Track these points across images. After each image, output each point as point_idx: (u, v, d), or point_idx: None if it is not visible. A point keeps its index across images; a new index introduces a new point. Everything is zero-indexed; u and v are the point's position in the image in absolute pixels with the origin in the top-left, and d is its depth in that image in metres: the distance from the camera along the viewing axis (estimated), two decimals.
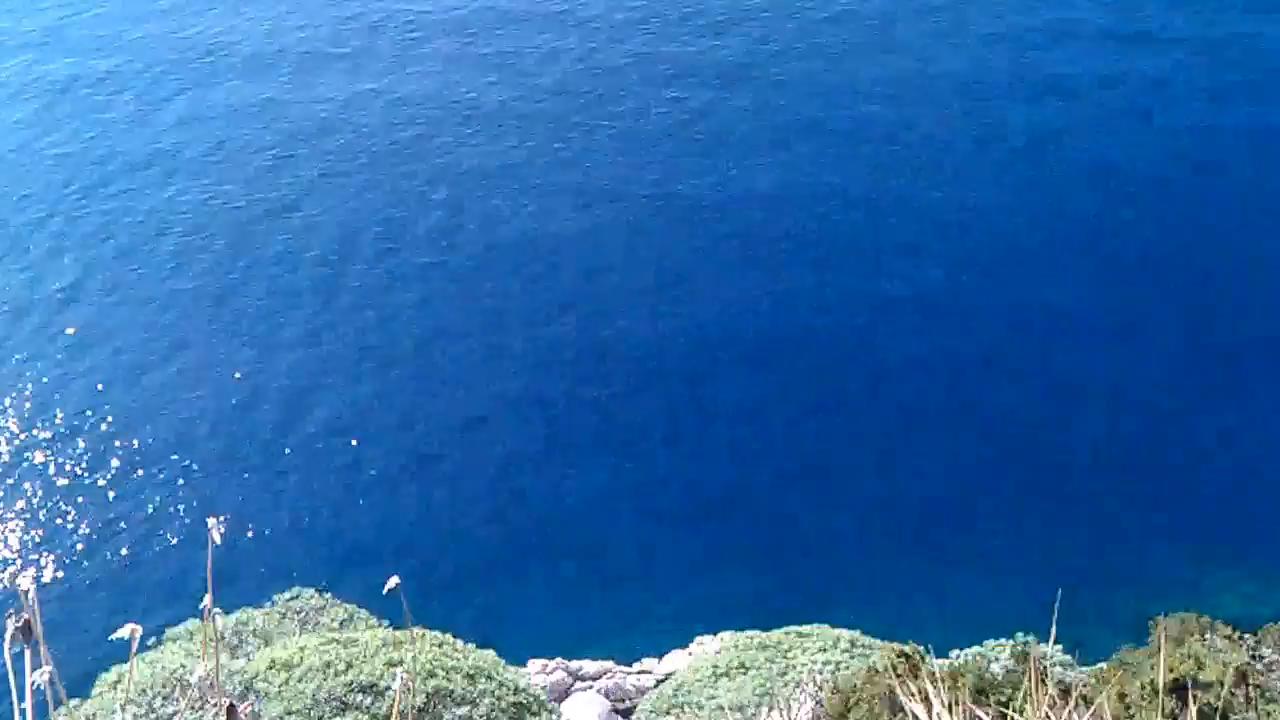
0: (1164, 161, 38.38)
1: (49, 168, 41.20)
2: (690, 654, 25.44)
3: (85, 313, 35.80)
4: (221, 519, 3.48)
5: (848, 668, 13.40)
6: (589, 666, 24.88)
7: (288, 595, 14.85)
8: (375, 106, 42.78)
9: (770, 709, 13.51)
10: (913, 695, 5.88)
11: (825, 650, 13.68)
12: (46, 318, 35.81)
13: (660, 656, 25.39)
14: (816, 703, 13.71)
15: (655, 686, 24.36)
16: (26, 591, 3.55)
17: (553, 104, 42.01)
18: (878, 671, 13.05)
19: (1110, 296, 34.00)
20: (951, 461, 29.93)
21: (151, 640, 12.67)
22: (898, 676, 13.14)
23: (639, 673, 25.18)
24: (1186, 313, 33.24)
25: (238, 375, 33.28)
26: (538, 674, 23.14)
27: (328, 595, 14.87)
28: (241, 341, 34.37)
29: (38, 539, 29.32)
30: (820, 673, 13.34)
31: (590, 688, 24.37)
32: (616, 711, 24.33)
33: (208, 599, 3.62)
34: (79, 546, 29.21)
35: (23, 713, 3.69)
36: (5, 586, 27.77)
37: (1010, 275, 34.77)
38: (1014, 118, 40.25)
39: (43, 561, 28.66)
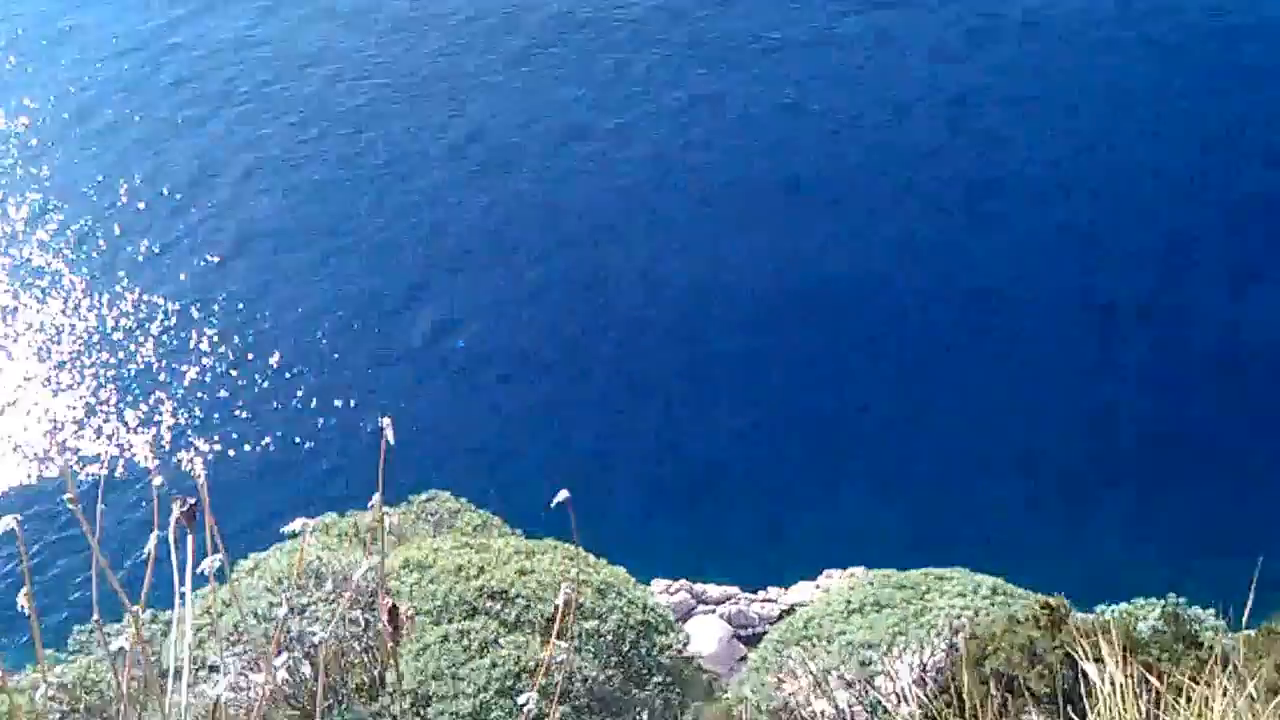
0: None
1: None
2: (818, 586, 25.09)
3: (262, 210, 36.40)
4: (391, 419, 3.26)
5: (988, 614, 12.88)
6: (713, 591, 24.71)
7: (423, 497, 14.88)
8: None
9: (903, 650, 13.09)
10: (1085, 654, 5.41)
11: (964, 595, 13.16)
12: (208, 213, 36.55)
13: (786, 587, 25.12)
14: (952, 647, 13.24)
15: (779, 616, 24.09)
16: (198, 478, 3.36)
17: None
18: (1019, 621, 12.52)
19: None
20: (1101, 415, 28.91)
21: (289, 530, 12.74)
22: (1041, 628, 12.63)
23: (763, 601, 24.94)
24: None
25: (378, 287, 33.66)
26: (661, 594, 23.04)
27: (462, 500, 14.85)
28: (401, 254, 34.71)
29: (193, 432, 30.10)
30: (958, 617, 12.85)
31: (713, 612, 24.22)
32: (737, 638, 24.16)
33: (377, 497, 3.32)
34: (232, 442, 29.93)
35: (183, 596, 3.50)
36: (174, 471, 28.60)
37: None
38: None
39: (199, 450, 29.43)
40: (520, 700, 3.70)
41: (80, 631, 12.48)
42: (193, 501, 3.54)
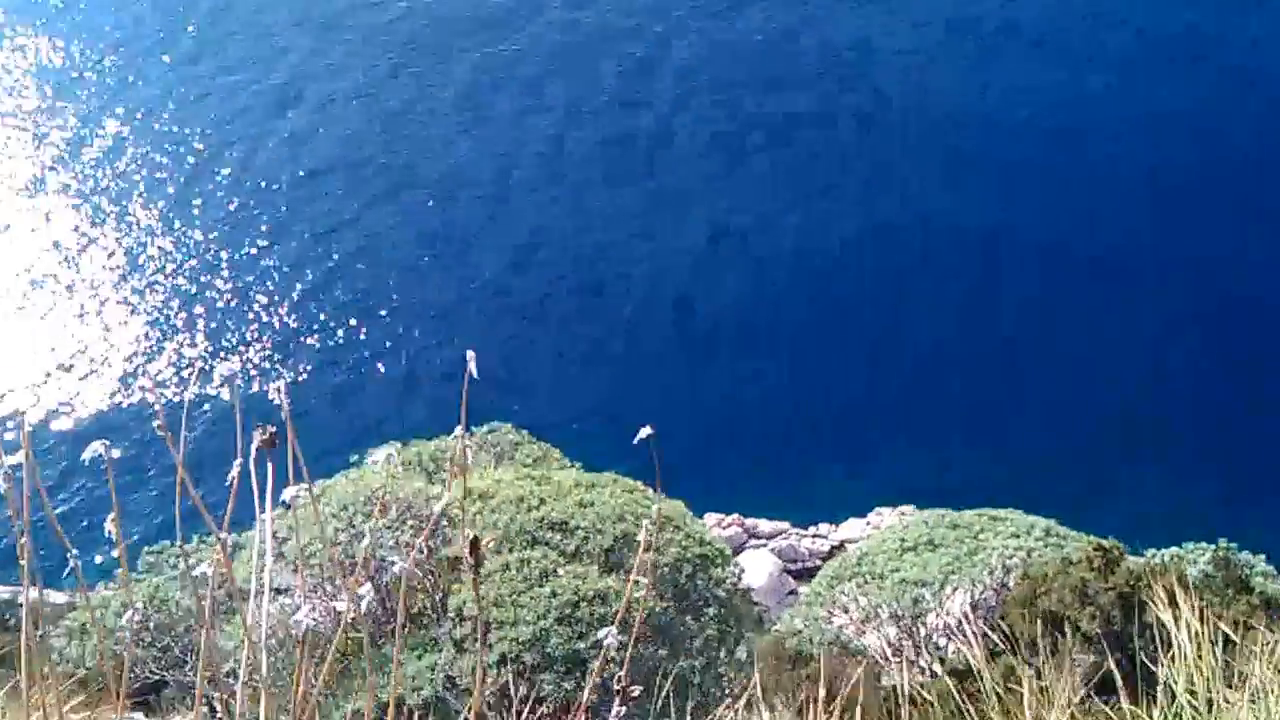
0: None
1: None
2: (868, 523, 25.14)
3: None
4: (474, 353, 3.24)
5: (1040, 555, 12.83)
6: (764, 526, 24.83)
7: (485, 429, 14.99)
8: None
9: (955, 588, 13.08)
10: (1160, 601, 5.37)
11: (1018, 536, 13.12)
12: (284, 144, 36.59)
13: (836, 524, 25.18)
14: (1003, 586, 13.22)
15: (829, 552, 24.19)
16: (280, 405, 3.38)
17: None
18: (1072, 562, 12.48)
19: None
20: (1153, 364, 28.62)
21: (354, 458, 12.94)
22: (1094, 570, 12.58)
23: (813, 536, 25.04)
24: None
25: (449, 222, 33.69)
26: (714, 528, 23.16)
27: (523, 432, 14.94)
28: (474, 189, 34.69)
29: (267, 360, 30.39)
30: (1011, 557, 12.81)
31: (764, 546, 24.35)
32: (787, 572, 24.29)
33: (459, 430, 3.32)
34: (304, 372, 30.24)
35: (263, 521, 3.55)
36: (251, 398, 28.88)
37: None
38: None
39: (279, 376, 29.74)
40: (601, 635, 3.73)
41: (150, 552, 12.73)
42: (274, 429, 3.57)
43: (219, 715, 9.97)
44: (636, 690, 3.55)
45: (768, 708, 5.46)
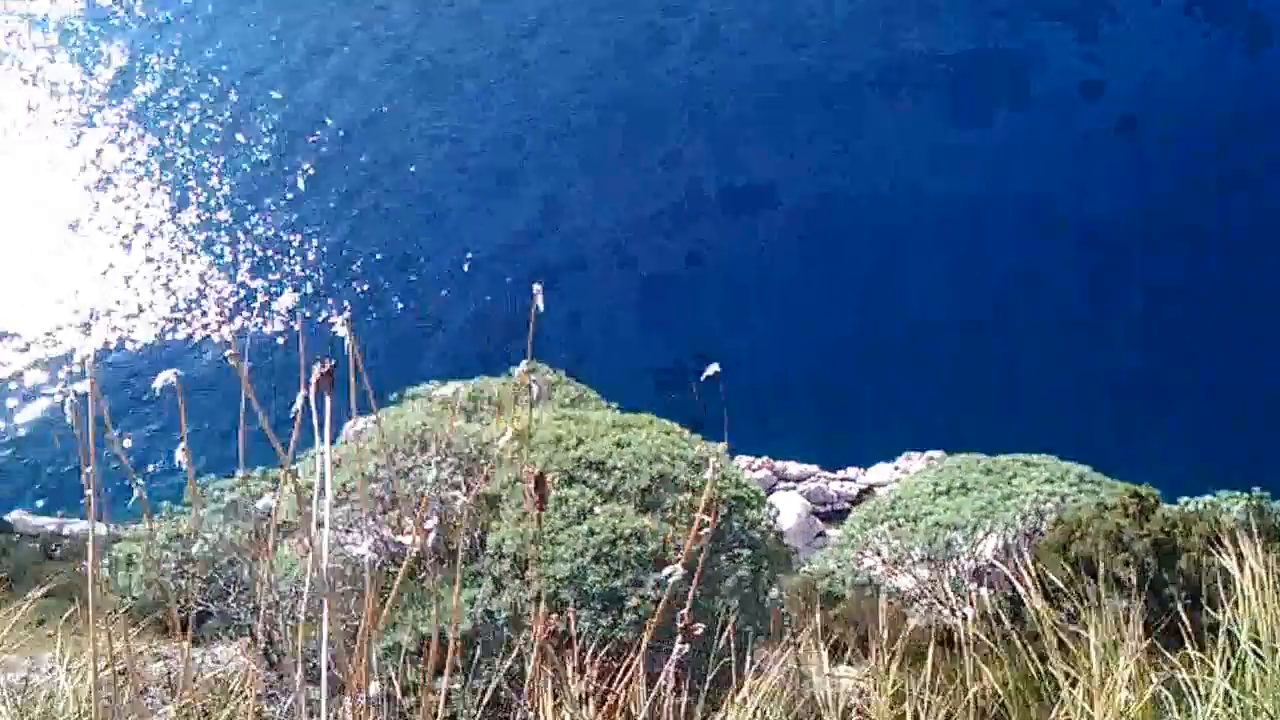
0: None
1: None
2: (896, 467, 25.09)
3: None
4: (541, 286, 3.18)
5: (1074, 501, 12.74)
6: (793, 469, 24.81)
7: (522, 367, 14.85)
8: None
9: (988, 532, 13.02)
10: (1224, 548, 5.29)
11: (1052, 481, 13.03)
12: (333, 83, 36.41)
13: (865, 467, 25.15)
14: (1036, 531, 13.15)
15: (857, 495, 24.18)
16: (343, 339, 3.33)
17: None
18: (1107, 508, 12.39)
19: None
20: (1184, 314, 28.33)
21: (393, 396, 12.94)
22: (1129, 516, 12.48)
23: (842, 480, 25.02)
24: None
25: (500, 161, 33.50)
26: (744, 470, 23.15)
27: (560, 373, 14.91)
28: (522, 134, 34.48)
29: (318, 299, 30.48)
30: (1045, 503, 12.73)
31: (793, 489, 24.34)
32: (815, 515, 24.29)
33: (525, 363, 3.26)
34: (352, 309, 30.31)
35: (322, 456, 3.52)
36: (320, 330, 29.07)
37: None
38: None
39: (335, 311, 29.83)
40: (665, 572, 3.69)
41: (196, 485, 12.78)
42: (333, 364, 3.53)
43: (263, 645, 10.01)
44: (700, 628, 3.52)
45: (813, 649, 5.42)
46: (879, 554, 13.60)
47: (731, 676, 4.22)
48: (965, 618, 13.12)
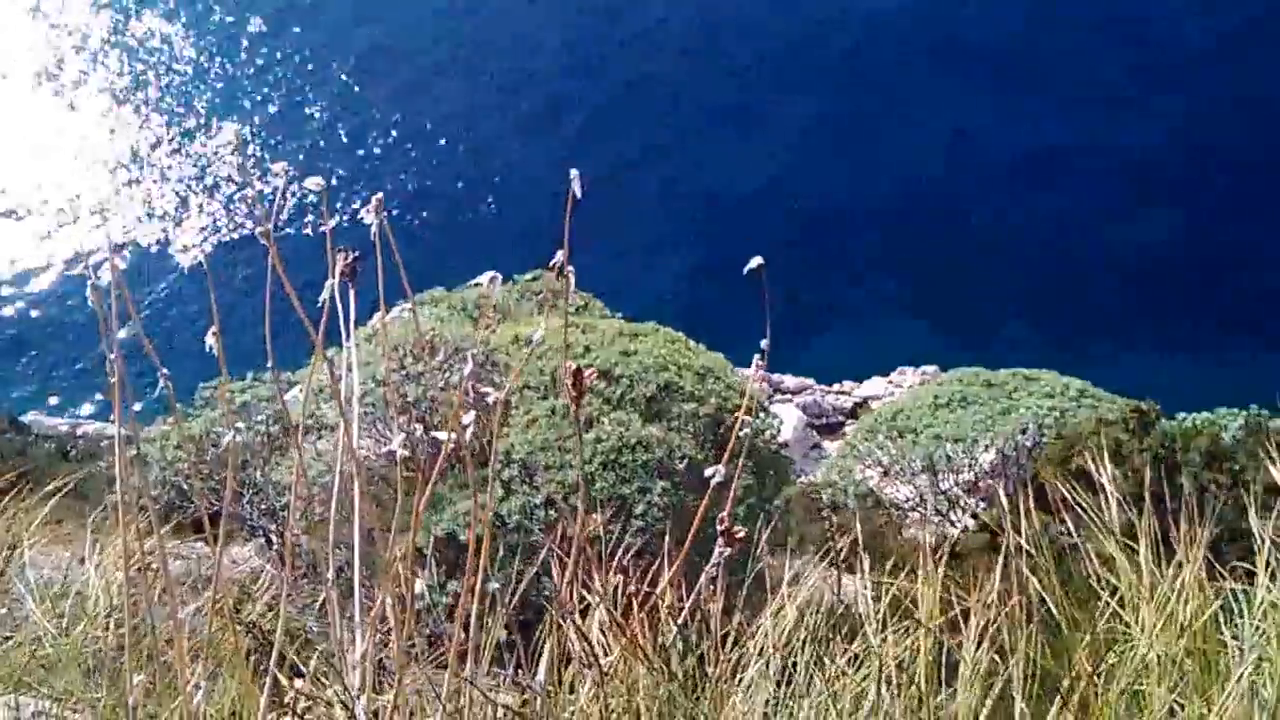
0: None
1: None
2: (890, 381, 24.99)
3: None
4: (578, 175, 2.97)
5: (1074, 416, 12.63)
6: (789, 381, 24.69)
7: (529, 275, 14.73)
8: None
9: (988, 446, 12.92)
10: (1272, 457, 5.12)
11: (1052, 396, 12.90)
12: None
13: (860, 380, 25.04)
14: (1036, 445, 13.05)
15: (851, 409, 24.10)
16: (376, 227, 3.13)
17: None
18: (1108, 423, 12.28)
19: None
20: (1188, 234, 28.09)
21: (400, 301, 12.70)
22: (1130, 431, 12.38)
23: (837, 393, 24.91)
24: None
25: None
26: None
27: (564, 280, 14.61)
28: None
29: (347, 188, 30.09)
30: (1045, 417, 12.62)
31: (789, 401, 24.24)
32: (811, 427, 24.22)
33: (561, 254, 3.05)
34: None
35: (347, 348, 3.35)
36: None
37: None
38: None
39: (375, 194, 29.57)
40: (708, 472, 3.53)
41: (205, 387, 12.63)
42: (357, 254, 3.34)
43: (275, 547, 9.85)
44: (742, 531, 3.36)
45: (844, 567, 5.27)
46: (880, 465, 13.51)
47: (744, 586, 4.05)
48: (966, 529, 13.08)
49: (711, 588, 3.25)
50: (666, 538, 4.96)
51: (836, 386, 24.89)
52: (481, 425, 11.30)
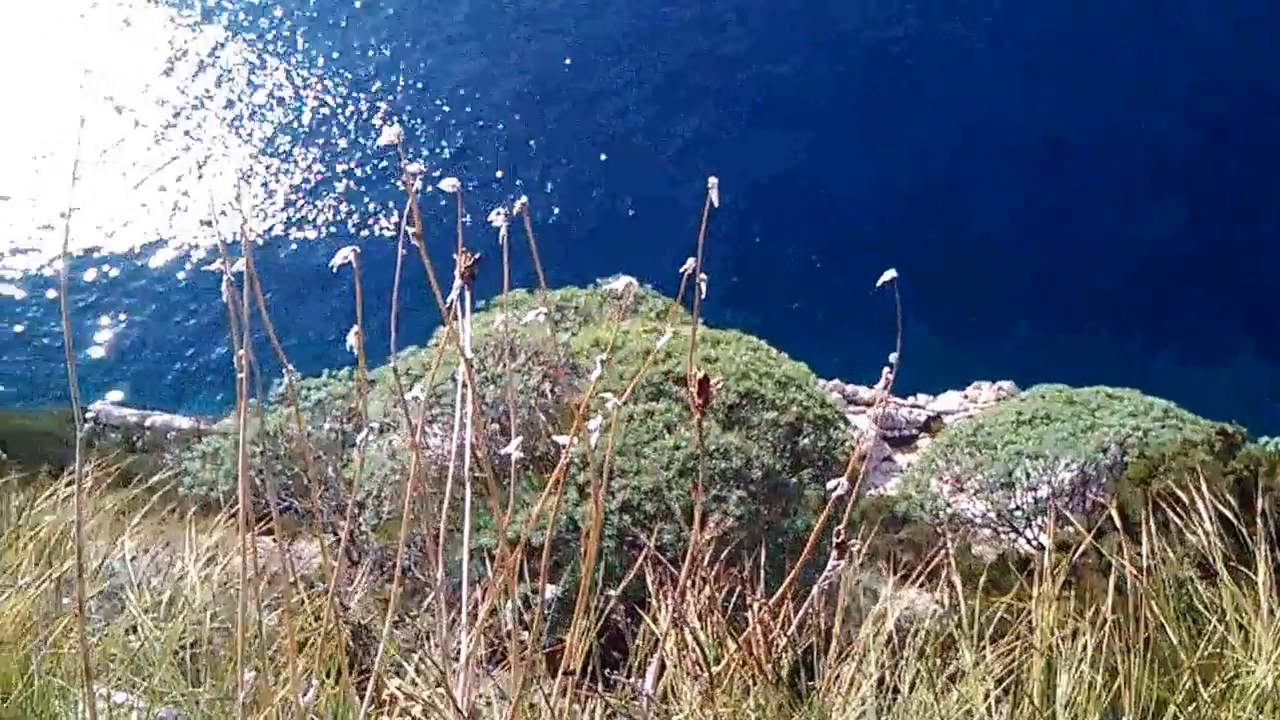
0: None
1: None
2: (965, 396, 24.74)
3: None
4: (715, 181, 2.94)
5: (1158, 436, 12.40)
6: (864, 392, 24.53)
7: (609, 280, 14.73)
8: None
9: (1069, 464, 12.74)
10: None
11: (1135, 416, 12.68)
12: None
13: (935, 394, 24.81)
14: (1118, 464, 12.84)
15: (925, 422, 23.88)
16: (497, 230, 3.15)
17: None
18: (1193, 444, 12.05)
19: None
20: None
21: (481, 304, 12.76)
22: (1214, 454, 12.12)
23: (911, 406, 24.70)
24: None
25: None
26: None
27: (647, 286, 14.69)
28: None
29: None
30: (1128, 436, 12.41)
31: (863, 413, 24.07)
32: (885, 439, 24.03)
33: (692, 262, 3.05)
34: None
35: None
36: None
37: None
38: None
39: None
40: (830, 485, 3.51)
41: (278, 383, 12.77)
42: (478, 256, 3.36)
43: (344, 543, 9.90)
44: (855, 543, 3.34)
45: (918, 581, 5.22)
46: (957, 480, 13.37)
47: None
48: (1041, 547, 12.89)
49: (822, 599, 3.23)
50: (760, 549, 4.94)
51: (911, 399, 24.68)
52: (557, 427, 11.33)
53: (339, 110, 34.33)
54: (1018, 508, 13.17)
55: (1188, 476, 12.79)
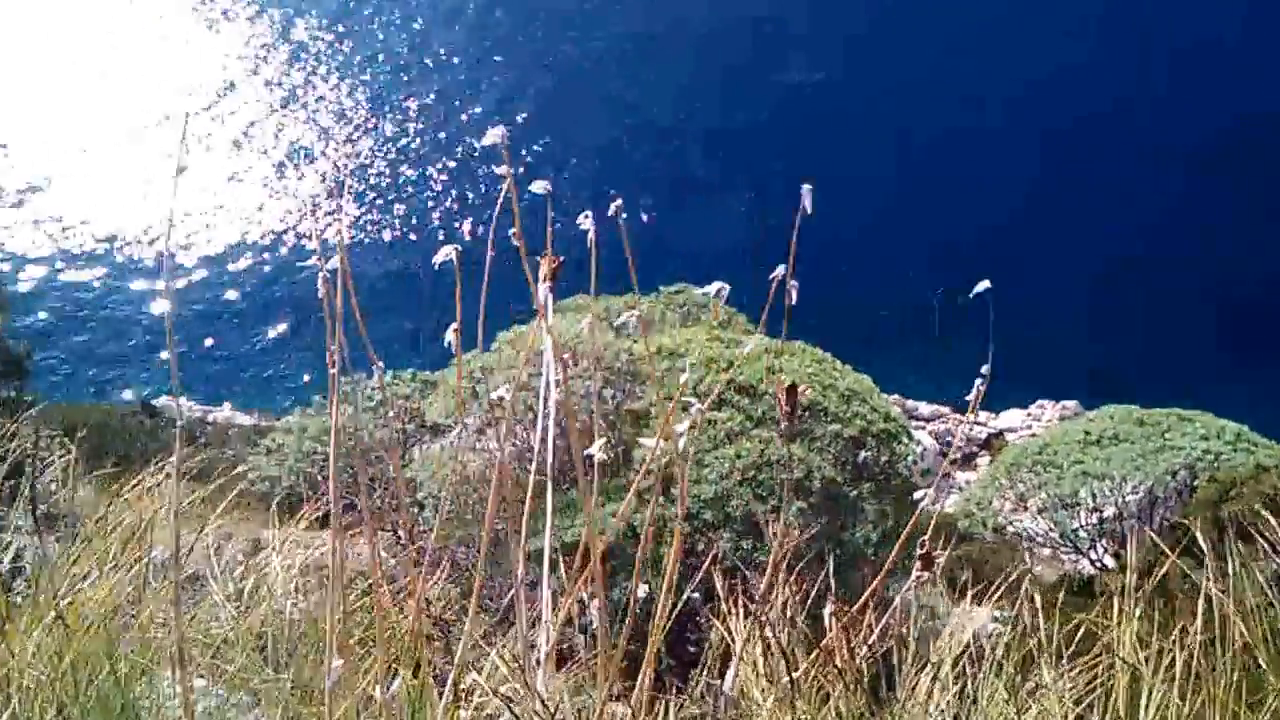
0: None
1: None
2: (1029, 414, 24.51)
3: None
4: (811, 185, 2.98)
5: (1229, 460, 12.23)
6: (924, 408, 24.39)
7: (673, 288, 14.84)
8: None
9: (1138, 485, 12.59)
10: None
11: (1207, 439, 12.50)
12: None
13: (997, 412, 24.61)
14: (1187, 488, 12.69)
15: (986, 440, 23.69)
16: (587, 231, 3.20)
17: None
18: (1265, 469, 11.86)
19: None
20: None
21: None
22: None
23: (973, 423, 24.51)
24: None
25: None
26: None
27: (708, 293, 14.64)
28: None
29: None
30: (1199, 459, 12.25)
31: (923, 428, 23.93)
32: (944, 456, 23.87)
33: (782, 270, 3.07)
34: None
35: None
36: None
37: None
38: None
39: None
40: (917, 495, 3.52)
41: (345, 382, 12.92)
42: (561, 260, 3.40)
43: (403, 540, 10.00)
44: (941, 555, 3.34)
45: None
46: (1021, 499, 13.26)
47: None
48: (1104, 568, 12.75)
49: (899, 610, 3.24)
50: (830, 559, 4.94)
51: (971, 416, 24.50)
52: (620, 435, 11.34)
53: (420, 116, 34.75)
54: (1080, 528, 13.04)
55: (1260, 501, 12.63)
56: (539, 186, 3.03)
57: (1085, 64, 32.67)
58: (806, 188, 2.97)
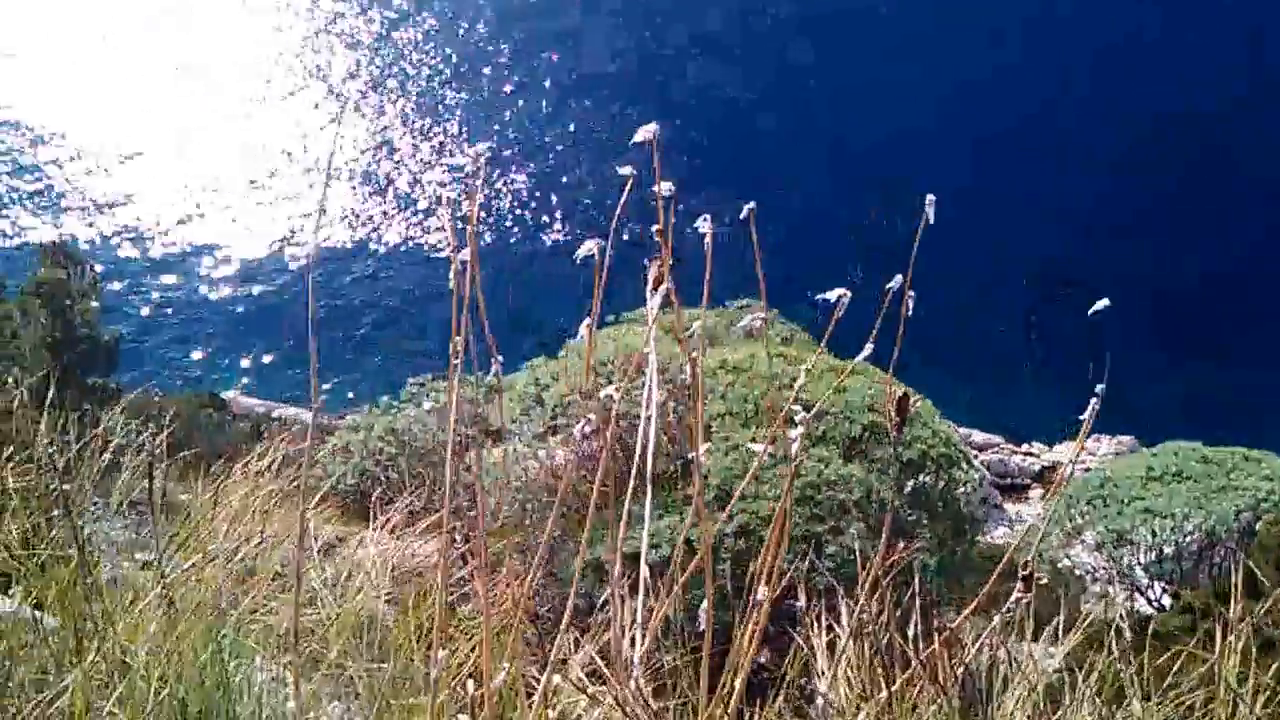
0: None
1: None
2: (1083, 448, 24.31)
3: None
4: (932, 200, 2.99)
5: None
6: (977, 437, 24.24)
7: (738, 304, 14.88)
8: None
9: (1198, 525, 12.48)
10: None
11: (1273, 480, 12.38)
12: None
13: (1050, 444, 24.42)
14: (1247, 529, 12.55)
15: (1039, 472, 23.51)
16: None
17: None
18: None
19: None
20: None
21: (610, 318, 12.94)
22: None
23: (1025, 454, 24.34)
24: None
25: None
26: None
27: (774, 310, 14.75)
28: None
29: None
30: (1264, 500, 12.13)
31: (976, 457, 23.79)
32: (995, 487, 23.71)
33: (899, 280, 3.11)
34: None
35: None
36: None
37: None
38: None
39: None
40: (1013, 509, 3.55)
41: (412, 383, 13.08)
42: (675, 262, 3.45)
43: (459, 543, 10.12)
44: (1044, 578, 3.38)
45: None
46: (1076, 533, 13.17)
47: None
48: (1161, 608, 12.64)
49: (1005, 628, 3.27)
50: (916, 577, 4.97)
51: (1025, 447, 24.33)
52: (678, 448, 11.39)
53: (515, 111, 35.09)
54: (1136, 565, 12.94)
55: None
56: (664, 188, 3.09)
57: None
58: (930, 198, 3.01)
